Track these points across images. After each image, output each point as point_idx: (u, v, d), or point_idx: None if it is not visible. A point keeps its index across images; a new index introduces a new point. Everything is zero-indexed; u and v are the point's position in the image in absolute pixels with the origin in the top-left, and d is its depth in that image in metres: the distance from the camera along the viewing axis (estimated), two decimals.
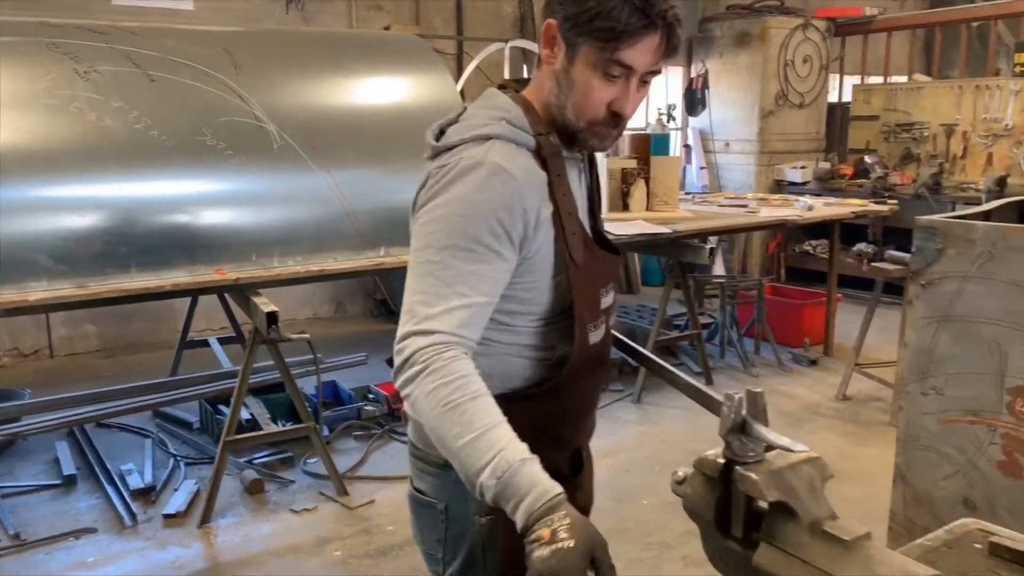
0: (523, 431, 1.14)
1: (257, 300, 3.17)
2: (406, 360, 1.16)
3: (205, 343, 4.93)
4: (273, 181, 3.51)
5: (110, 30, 3.45)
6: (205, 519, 3.25)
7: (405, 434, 4.09)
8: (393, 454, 3.92)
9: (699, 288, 5.89)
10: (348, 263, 3.54)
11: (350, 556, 3.02)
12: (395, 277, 6.03)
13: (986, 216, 2.77)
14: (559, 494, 1.06)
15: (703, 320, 5.55)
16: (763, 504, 1.02)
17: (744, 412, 1.01)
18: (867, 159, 7.46)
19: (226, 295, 4.06)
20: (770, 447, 1.02)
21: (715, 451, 1.06)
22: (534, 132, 1.29)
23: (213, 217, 3.39)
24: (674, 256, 4.69)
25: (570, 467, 1.45)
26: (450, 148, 1.27)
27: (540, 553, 1.01)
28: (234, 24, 4.66)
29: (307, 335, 3.24)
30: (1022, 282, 2.24)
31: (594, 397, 1.50)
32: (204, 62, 3.49)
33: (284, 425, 3.96)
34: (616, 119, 1.29)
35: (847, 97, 8.17)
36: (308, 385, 4.24)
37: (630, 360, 5.23)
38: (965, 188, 6.73)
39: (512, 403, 1.20)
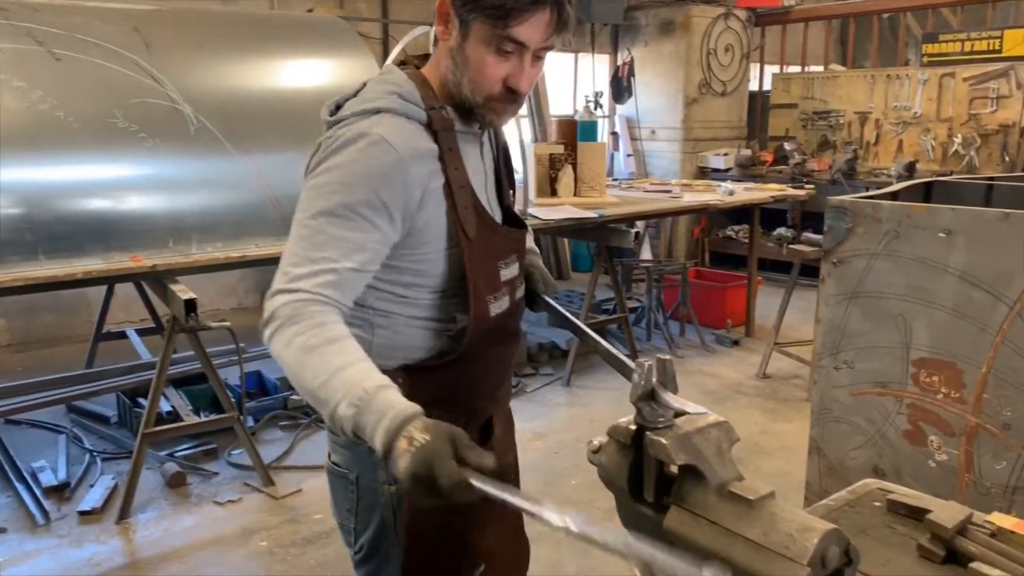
0: (429, 402, 1.14)
1: (175, 288, 3.08)
2: (271, 316, 1.18)
3: (123, 335, 4.76)
4: (190, 165, 3.41)
5: (11, 5, 3.28)
6: (123, 514, 3.15)
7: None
8: (320, 443, 3.85)
9: (626, 273, 5.98)
10: (271, 249, 3.46)
11: (276, 546, 2.98)
12: None
13: (894, 197, 2.88)
14: (416, 410, 1.07)
15: (630, 304, 5.64)
16: (673, 468, 1.04)
17: (654, 379, 1.03)
18: (786, 146, 7.69)
19: (143, 284, 3.93)
20: (679, 413, 1.04)
21: (627, 418, 1.08)
22: (426, 106, 1.30)
23: (127, 202, 3.27)
24: (601, 241, 4.75)
25: (480, 437, 1.47)
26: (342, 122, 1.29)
27: (401, 463, 1.01)
28: (145, 2, 4.48)
29: (228, 323, 3.16)
30: (925, 259, 2.35)
31: (503, 367, 1.52)
32: (113, 41, 3.36)
33: (207, 416, 3.86)
34: (512, 94, 1.31)
35: (767, 85, 8.40)
36: (232, 375, 4.14)
37: (560, 345, 5.24)
38: (878, 173, 7.00)
39: (416, 375, 1.23)
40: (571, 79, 8.10)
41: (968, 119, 6.78)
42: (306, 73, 3.94)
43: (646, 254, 7.34)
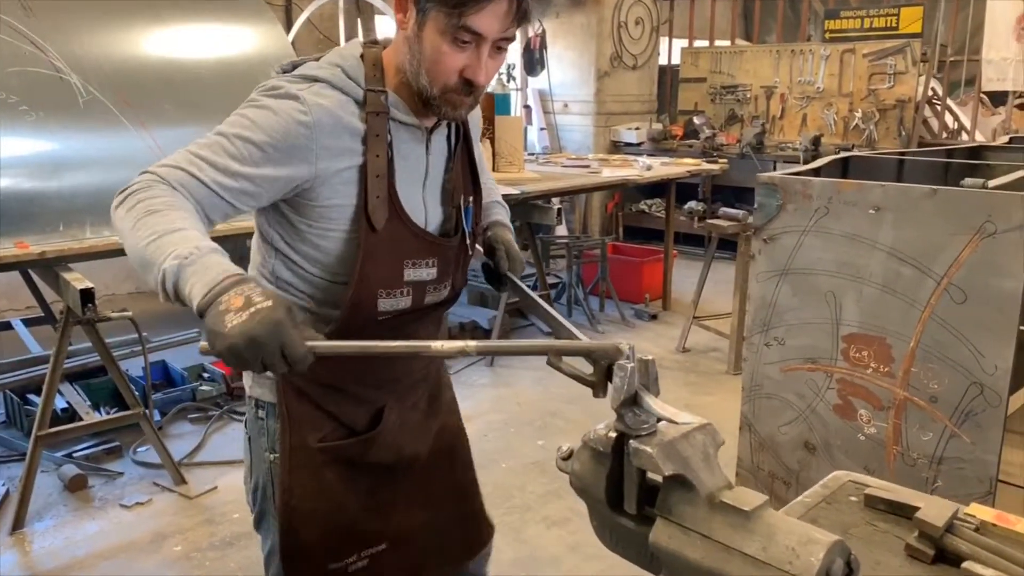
0: (314, 381, 1.30)
1: (68, 276, 2.81)
2: (125, 187, 1.18)
3: (8, 325, 4.38)
4: (81, 140, 3.12)
5: None
6: (17, 524, 2.89)
7: (244, 414, 3.84)
8: (234, 436, 3.66)
9: (545, 249, 5.93)
10: None
11: (193, 550, 2.79)
12: (230, 246, 5.64)
13: (816, 173, 2.91)
14: (250, 276, 1.07)
15: (550, 280, 5.60)
16: (656, 477, 0.97)
17: (636, 382, 0.95)
18: (696, 120, 7.78)
19: (31, 271, 3.60)
20: (660, 418, 0.96)
21: (604, 424, 1.00)
22: (366, 87, 1.29)
23: (9, 182, 2.96)
24: (522, 217, 4.67)
25: (368, 424, 1.46)
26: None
27: (234, 319, 0.97)
28: None
29: (129, 313, 2.92)
30: (854, 235, 2.36)
31: (400, 365, 1.47)
32: None
33: (109, 412, 3.59)
34: (469, 86, 1.28)
35: (676, 59, 8.46)
36: (134, 367, 3.87)
37: (482, 324, 5.11)
38: (784, 147, 7.17)
39: None
40: None
41: (868, 94, 7.01)
42: (208, 41, 3.66)
43: (561, 230, 7.31)
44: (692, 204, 7.62)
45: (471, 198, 1.46)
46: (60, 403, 3.46)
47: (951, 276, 2.20)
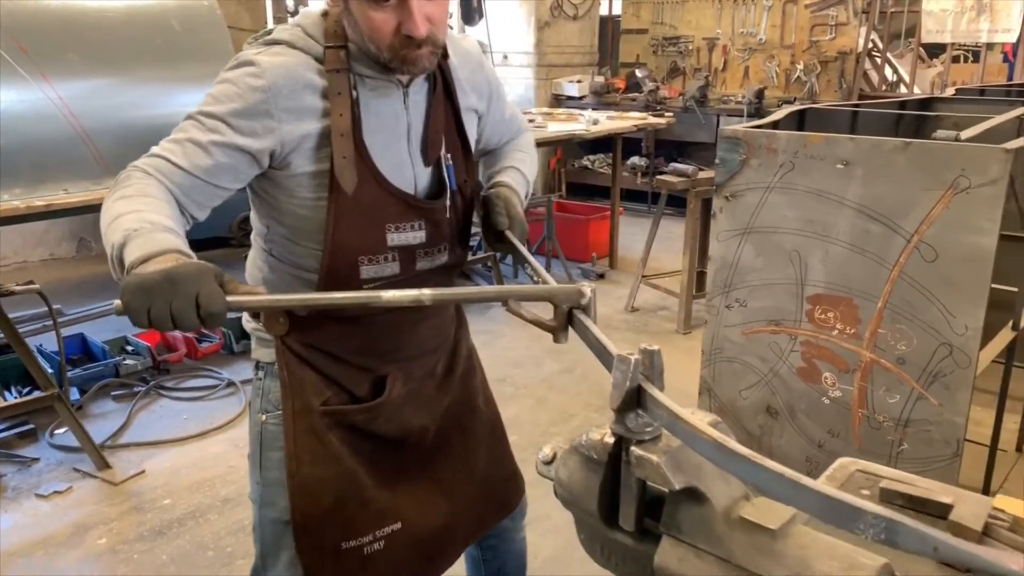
0: (312, 347, 1.33)
1: None
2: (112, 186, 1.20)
3: None
4: None
5: None
6: None
7: (173, 389, 3.61)
8: (162, 414, 3.41)
9: None
10: (84, 195, 2.93)
11: (119, 542, 2.57)
12: None
13: (774, 126, 2.79)
14: (191, 254, 1.05)
15: None
16: (659, 487, 0.82)
17: (641, 377, 0.79)
18: (638, 73, 7.62)
19: None
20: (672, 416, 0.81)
21: (598, 429, 0.84)
22: (326, 44, 1.27)
23: None
24: None
25: (370, 392, 1.43)
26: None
27: (156, 265, 0.98)
28: None
29: (36, 286, 2.64)
30: (820, 191, 2.25)
31: (395, 329, 1.43)
32: None
33: (20, 392, 3.31)
34: (414, 39, 1.23)
35: (617, 10, 8.26)
36: (51, 340, 3.56)
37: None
38: (727, 100, 7.08)
39: (296, 320, 1.28)
40: None
41: (809, 46, 6.96)
42: None
43: None
44: (635, 159, 7.52)
45: (450, 154, 1.39)
46: None
47: (922, 233, 2.11)
